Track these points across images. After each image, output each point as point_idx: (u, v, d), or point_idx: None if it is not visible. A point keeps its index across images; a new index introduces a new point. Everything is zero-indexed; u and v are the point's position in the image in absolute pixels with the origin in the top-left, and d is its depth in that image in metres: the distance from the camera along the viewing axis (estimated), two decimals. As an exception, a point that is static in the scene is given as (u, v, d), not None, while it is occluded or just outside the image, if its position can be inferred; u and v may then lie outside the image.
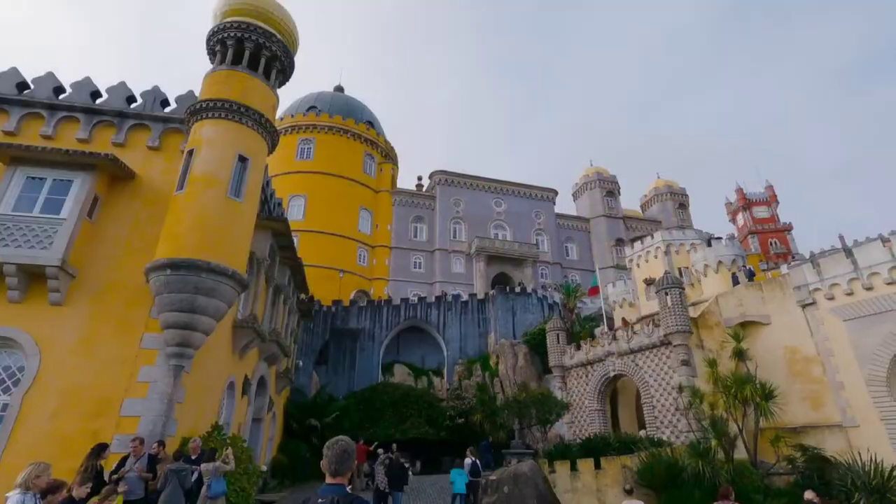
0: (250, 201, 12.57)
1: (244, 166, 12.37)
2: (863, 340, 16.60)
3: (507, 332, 32.72)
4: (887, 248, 16.70)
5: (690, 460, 14.98)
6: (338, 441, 2.87)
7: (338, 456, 2.79)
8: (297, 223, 42.66)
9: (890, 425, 15.46)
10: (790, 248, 55.99)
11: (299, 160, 47.75)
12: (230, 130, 12.32)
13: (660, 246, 30.40)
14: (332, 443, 2.87)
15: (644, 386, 20.99)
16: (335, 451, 2.81)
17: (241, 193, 12.11)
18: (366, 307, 34.39)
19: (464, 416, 26.13)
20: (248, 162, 12.47)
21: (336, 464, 2.78)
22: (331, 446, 2.85)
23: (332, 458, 2.80)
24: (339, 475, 2.79)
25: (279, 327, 19.49)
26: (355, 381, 30.54)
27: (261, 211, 15.73)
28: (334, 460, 2.79)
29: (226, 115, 12.34)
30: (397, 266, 47.19)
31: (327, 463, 2.80)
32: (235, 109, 12.41)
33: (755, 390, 16.63)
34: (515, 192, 54.01)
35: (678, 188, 61.84)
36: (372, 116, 55.98)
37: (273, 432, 21.75)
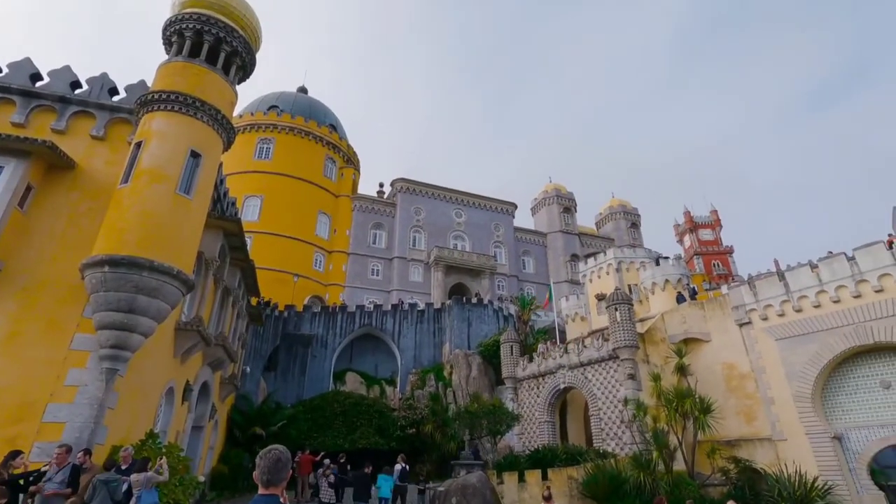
0: (201, 199, 12.09)
1: (196, 162, 11.91)
2: (791, 359, 17.72)
3: (462, 343, 32.80)
4: (815, 273, 17.97)
5: (633, 472, 15.46)
6: (272, 450, 2.73)
7: (271, 465, 2.66)
8: (252, 224, 41.39)
9: (813, 439, 16.52)
10: (731, 269, 59.37)
11: (257, 160, 46.44)
12: (183, 124, 11.84)
13: (612, 263, 31.47)
14: (266, 451, 2.73)
15: (592, 398, 21.52)
16: (268, 460, 2.68)
17: (192, 190, 11.63)
18: (320, 313, 33.63)
19: (415, 427, 25.88)
20: (201, 158, 12.02)
21: (269, 474, 2.64)
22: (264, 455, 2.71)
23: (264, 468, 2.65)
24: (272, 486, 2.65)
25: (226, 331, 18.74)
26: (305, 388, 29.69)
27: (212, 210, 15.17)
28: (267, 470, 2.65)
29: (179, 108, 11.87)
30: (354, 272, 46.53)
31: (259, 473, 2.66)
32: (190, 103, 11.96)
33: (695, 404, 17.42)
34: (476, 203, 54.60)
35: (631, 208, 64.37)
36: (335, 120, 55.32)
37: (214, 441, 20.80)
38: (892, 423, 15.53)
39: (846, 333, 16.54)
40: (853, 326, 16.42)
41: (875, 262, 16.48)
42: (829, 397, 17.12)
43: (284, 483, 2.70)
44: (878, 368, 16.25)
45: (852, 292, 16.73)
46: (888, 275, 16.06)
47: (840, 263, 17.35)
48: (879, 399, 16.05)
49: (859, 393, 16.56)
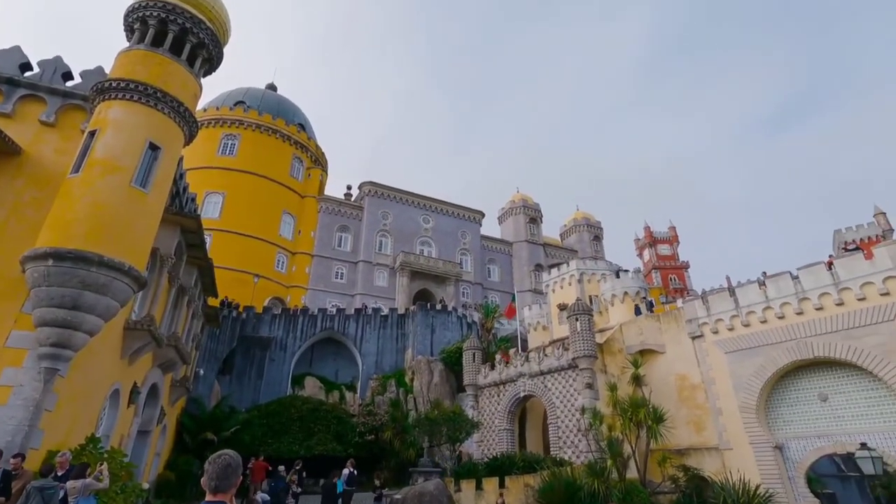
0: (158, 193, 11.63)
1: (155, 155, 11.46)
2: (739, 371, 18.54)
3: (424, 349, 32.67)
4: (762, 290, 18.91)
5: (587, 480, 15.74)
6: (222, 454, 2.64)
7: (220, 471, 2.56)
8: (212, 222, 40.12)
9: (756, 449, 17.30)
10: (686, 284, 61.74)
11: (221, 156, 45.10)
12: (142, 115, 11.38)
13: (574, 274, 32.16)
14: (216, 456, 2.63)
15: (551, 407, 21.84)
16: (218, 465, 2.58)
17: (149, 184, 11.17)
18: (280, 315, 32.82)
19: (374, 433, 25.54)
20: (160, 151, 11.57)
21: (217, 479, 2.54)
22: (213, 460, 2.61)
23: (212, 473, 2.55)
24: (220, 492, 2.55)
25: (180, 331, 18.01)
26: (262, 393, 28.84)
27: (170, 205, 14.61)
28: (215, 475, 2.55)
29: (139, 97, 11.40)
30: (318, 275, 45.71)
31: (207, 479, 2.56)
32: (151, 93, 11.52)
33: (648, 414, 17.94)
34: (444, 210, 54.77)
35: (594, 221, 66.09)
36: (304, 119, 54.45)
37: (162, 447, 19.91)
38: (828, 434, 16.44)
39: (789, 348, 17.45)
40: (795, 342, 17.34)
41: (816, 281, 17.49)
42: (772, 409, 17.98)
43: (233, 490, 2.60)
44: (817, 382, 17.20)
45: (795, 309, 17.68)
46: (827, 294, 17.06)
47: (785, 281, 18.32)
48: (817, 411, 16.98)
49: (799, 405, 17.47)
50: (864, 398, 16.09)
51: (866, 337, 15.88)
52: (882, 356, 15.38)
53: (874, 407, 15.84)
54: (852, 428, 15.88)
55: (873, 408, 15.85)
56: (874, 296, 16.09)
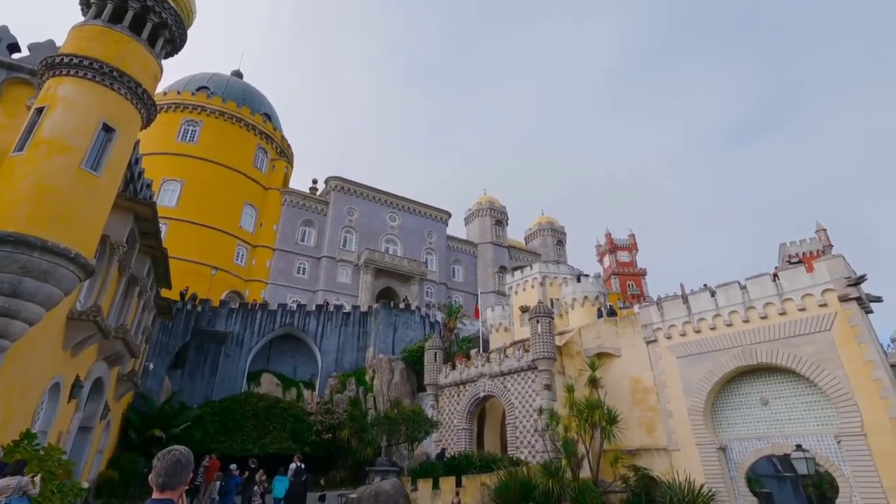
0: (111, 177, 11.06)
1: (108, 137, 10.90)
2: (689, 375, 19.34)
3: (386, 348, 32.45)
4: (713, 298, 19.80)
5: (542, 479, 16.05)
6: (172, 450, 2.52)
7: (169, 467, 2.45)
8: (169, 210, 38.56)
9: (702, 450, 18.10)
10: (643, 290, 63.88)
11: (181, 142, 43.35)
12: (96, 94, 10.80)
13: (537, 277, 32.67)
14: (166, 452, 2.52)
15: (510, 407, 22.13)
16: (167, 461, 2.47)
17: (100, 167, 10.61)
18: (237, 310, 31.85)
19: (332, 432, 25.17)
20: (115, 133, 11.01)
21: (166, 476, 2.43)
22: (162, 456, 2.50)
23: (161, 470, 2.44)
24: (168, 490, 2.44)
25: (129, 323, 17.20)
26: (215, 389, 27.90)
27: (123, 190, 13.96)
28: (164, 472, 2.44)
29: (93, 75, 10.81)
30: (279, 269, 44.64)
31: (155, 475, 2.45)
32: (106, 72, 10.94)
33: (603, 415, 18.47)
34: (411, 209, 54.57)
35: (558, 226, 67.43)
36: (270, 109, 53.07)
37: (105, 444, 18.97)
38: (767, 436, 17.38)
39: (735, 354, 18.34)
40: (741, 348, 18.25)
41: (762, 291, 18.47)
42: (718, 411, 18.85)
43: (183, 488, 2.50)
44: (759, 387, 18.15)
45: (742, 317, 18.60)
46: (771, 304, 18.05)
47: (734, 291, 19.25)
48: (758, 414, 17.92)
49: (742, 408, 18.39)
50: (801, 402, 17.11)
51: (804, 345, 16.89)
52: (818, 363, 16.40)
53: (809, 411, 16.87)
54: (789, 430, 16.85)
55: (808, 412, 16.88)
56: (813, 307, 17.13)
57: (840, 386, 15.82)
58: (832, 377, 16.01)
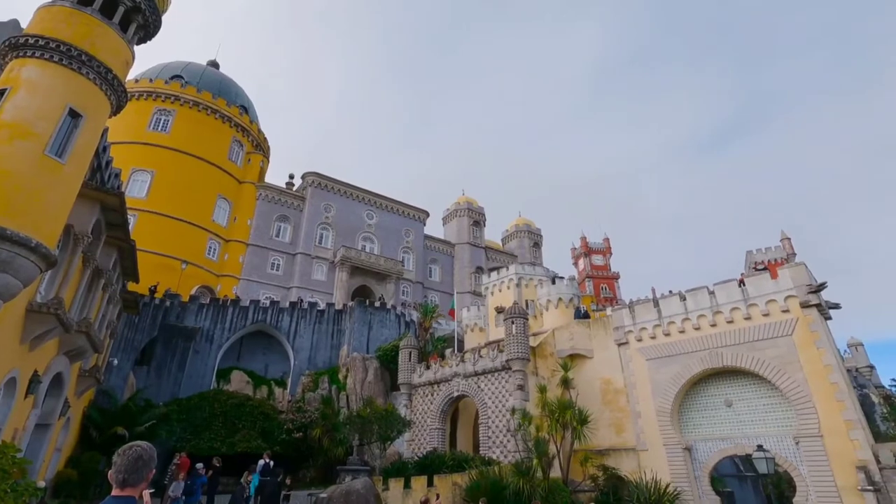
0: (77, 165, 10.65)
1: (75, 123, 10.49)
2: (657, 377, 19.80)
3: (360, 347, 32.18)
4: (683, 303, 20.32)
5: (513, 478, 16.18)
6: (133, 446, 2.43)
7: (130, 463, 2.36)
8: (138, 201, 37.44)
9: (669, 450, 18.56)
10: (616, 293, 65.10)
11: (152, 131, 42.08)
12: (62, 78, 10.39)
13: (513, 278, 32.95)
14: (127, 447, 2.42)
15: (483, 407, 22.24)
16: (128, 457, 2.37)
17: (66, 154, 10.21)
18: (208, 305, 31.08)
19: (303, 431, 24.81)
20: (82, 119, 10.61)
21: (127, 472, 2.34)
22: (123, 452, 2.40)
23: (121, 466, 2.35)
24: (128, 486, 2.34)
25: (93, 317, 16.59)
26: (182, 386, 27.16)
27: (90, 179, 13.47)
28: (124, 468, 2.34)
29: (60, 58, 10.40)
30: (252, 265, 43.78)
31: (115, 472, 2.35)
32: (75, 55, 10.53)
33: (574, 416, 18.74)
34: (389, 207, 54.27)
35: (535, 228, 68.10)
36: (247, 101, 52.01)
37: (64, 442, 18.25)
38: (730, 437, 17.93)
39: (702, 357, 18.87)
40: (708, 351, 18.78)
41: (729, 296, 19.05)
42: (684, 413, 19.35)
43: (144, 485, 2.41)
44: (724, 389, 18.72)
45: (710, 321, 19.15)
46: (738, 309, 18.63)
47: (702, 295, 19.80)
48: (722, 415, 18.48)
49: (707, 410, 18.93)
50: (763, 404, 17.71)
51: (767, 349, 17.50)
52: (779, 367, 17.01)
53: (770, 413, 17.48)
54: (751, 431, 17.42)
55: (769, 413, 17.49)
56: (776, 312, 17.76)
57: (799, 389, 16.44)
58: (792, 380, 16.63)
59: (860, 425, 15.54)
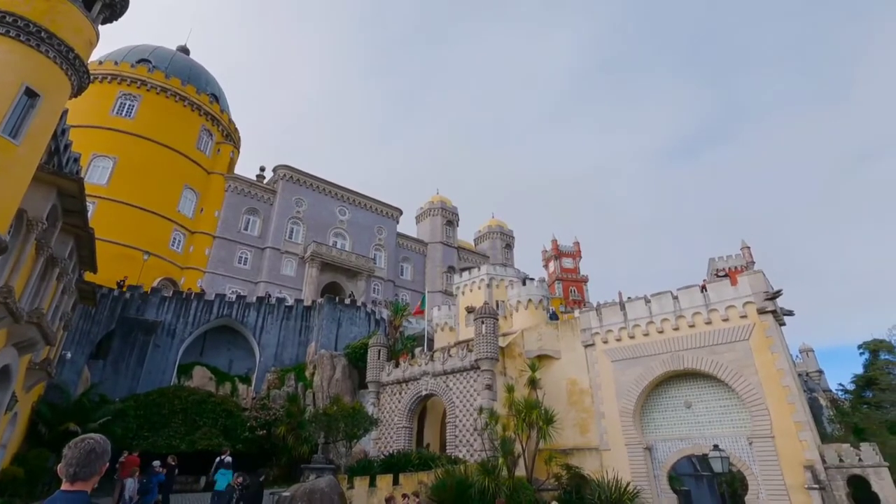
0: (32, 146, 10.14)
1: (32, 103, 9.98)
2: (622, 378, 20.28)
3: (329, 344, 31.78)
4: (647, 306, 20.87)
5: (479, 477, 16.27)
6: (85, 439, 2.32)
7: (82, 456, 2.25)
8: (98, 188, 35.98)
9: (630, 450, 19.03)
10: (584, 296, 66.37)
11: (116, 116, 40.46)
12: (19, 54, 9.86)
13: (484, 279, 33.13)
14: (78, 440, 2.31)
15: (451, 406, 22.29)
16: (80, 450, 2.26)
17: (20, 134, 9.70)
18: (171, 298, 30.12)
19: (267, 428, 24.32)
20: (39, 99, 10.10)
21: (78, 466, 2.23)
22: (74, 445, 2.29)
23: (72, 459, 2.24)
24: (79, 480, 2.24)
25: (45, 307, 15.83)
26: (141, 381, 26.25)
27: (46, 162, 12.84)
28: (75, 462, 2.24)
29: (17, 34, 9.86)
30: (219, 258, 42.64)
31: (65, 465, 2.24)
32: (34, 31, 10.01)
33: (540, 415, 18.97)
34: (361, 203, 53.78)
35: (507, 230, 68.74)
36: (218, 90, 50.61)
37: (10, 438, 17.35)
38: (689, 437, 18.53)
39: (664, 360, 19.43)
40: (670, 354, 19.35)
41: (691, 301, 19.68)
42: (646, 413, 19.88)
43: (96, 479, 2.31)
44: (684, 390, 19.33)
45: (673, 325, 19.73)
46: (699, 313, 19.27)
47: (666, 300, 20.38)
48: (682, 416, 19.07)
49: (668, 411, 19.51)
50: (720, 406, 18.37)
51: (726, 353, 18.16)
52: (736, 371, 17.68)
53: (726, 414, 18.15)
54: (708, 432, 18.04)
55: (725, 415, 18.15)
56: (735, 317, 18.45)
57: (754, 391, 17.13)
58: (748, 383, 17.31)
59: (809, 427, 16.32)
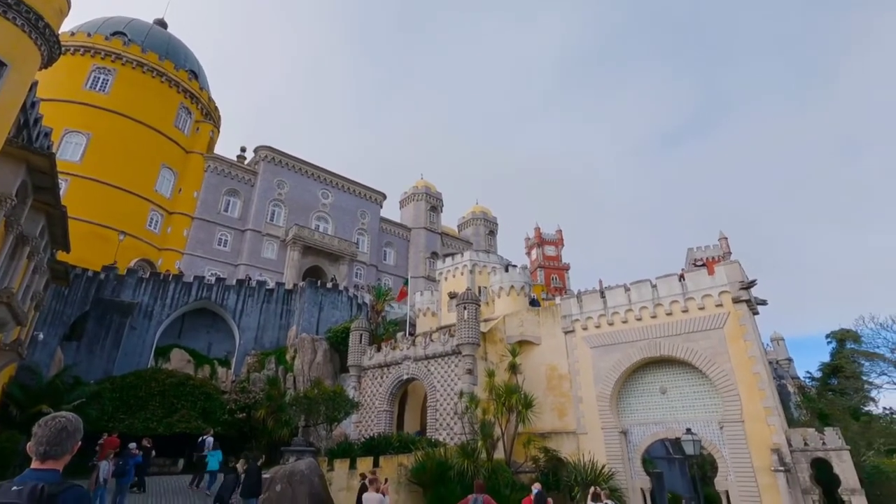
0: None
1: (-2, 73, 9.53)
2: (600, 364, 20.68)
3: (310, 327, 31.62)
4: (627, 294, 21.23)
5: (458, 459, 16.51)
6: (56, 417, 2.26)
7: (53, 435, 2.19)
8: (71, 165, 34.85)
9: (606, 433, 19.51)
10: (565, 283, 67.14)
11: (89, 90, 39.01)
12: (-16, 21, 9.38)
13: (467, 265, 33.24)
14: (49, 419, 2.25)
15: (432, 390, 22.48)
16: (50, 428, 2.21)
17: (-13, 106, 9.28)
18: (148, 279, 29.51)
19: (246, 411, 24.22)
20: (6, 69, 9.66)
21: (49, 444, 2.19)
22: (44, 423, 2.23)
23: (42, 438, 2.19)
24: (50, 458, 2.19)
25: (15, 287, 15.36)
26: (117, 364, 25.78)
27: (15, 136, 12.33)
28: (45, 440, 2.19)
29: (-18, -1, 9.36)
30: (198, 239, 41.84)
31: (35, 443, 2.19)
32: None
33: (520, 399, 19.28)
34: (344, 187, 53.18)
35: (491, 216, 68.90)
36: (197, 66, 49.12)
37: (-22, 420, 16.94)
38: (663, 422, 19.06)
39: (641, 347, 19.85)
40: (648, 341, 19.77)
41: (669, 290, 20.07)
42: (623, 398, 20.35)
43: (67, 457, 2.26)
44: (660, 377, 19.81)
45: (651, 313, 20.13)
46: (677, 301, 19.68)
47: (646, 288, 20.75)
48: (657, 401, 19.58)
49: (644, 396, 20.00)
50: (693, 392, 18.91)
51: (701, 340, 18.63)
52: (710, 358, 18.17)
53: (699, 399, 18.69)
54: (682, 417, 18.57)
55: (698, 400, 18.70)
56: (711, 306, 18.89)
57: (726, 378, 17.65)
58: (721, 370, 17.82)
59: (777, 412, 16.92)
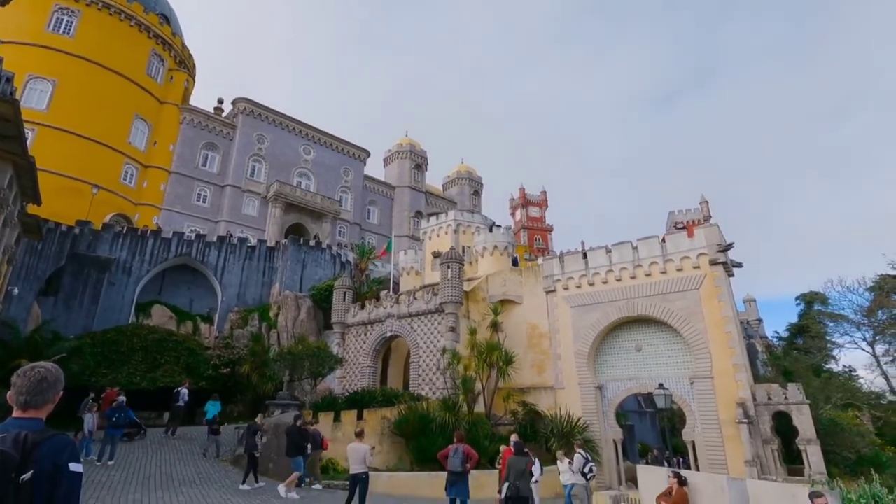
0: (-45, 61, 9.07)
1: (-49, 9, 8.82)
2: (579, 323, 21.24)
3: (293, 285, 31.59)
4: (608, 255, 21.56)
5: (440, 413, 17.10)
6: (35, 367, 2.21)
7: (33, 385, 2.14)
8: (37, 113, 33.19)
9: (583, 389, 20.28)
10: (548, 245, 67.87)
11: (52, 32, 36.58)
12: (-70, -50, 8.59)
13: (451, 224, 33.27)
14: (28, 368, 2.18)
15: (415, 347, 22.92)
16: (29, 378, 2.15)
17: (-60, 46, 8.63)
18: (125, 234, 28.86)
19: (230, 367, 24.44)
20: (-40, 5, 8.94)
21: (29, 394, 2.14)
22: (24, 373, 2.17)
23: (22, 388, 2.14)
24: (31, 408, 2.15)
25: (-15, 241, 14.88)
26: (96, 319, 25.56)
27: (-26, 80, 11.59)
28: (26, 390, 2.14)
29: (-75, -75, 8.54)
30: (175, 194, 40.74)
31: (15, 393, 2.15)
32: (-55, -77, 8.68)
33: (501, 356, 19.83)
34: (327, 143, 51.88)
35: (476, 176, 68.30)
36: (169, 11, 46.28)
37: (-44, 374, 16.75)
38: (636, 377, 19.86)
39: (620, 306, 20.38)
40: (626, 301, 20.29)
41: (650, 252, 20.44)
42: (600, 356, 21.06)
43: (49, 407, 2.23)
44: (636, 335, 20.47)
45: (630, 274, 20.56)
46: (656, 263, 20.09)
47: (626, 249, 21.08)
48: (632, 359, 20.33)
49: (620, 353, 20.72)
50: (667, 349, 19.64)
51: (677, 301, 19.19)
52: (685, 317, 18.78)
53: (672, 357, 19.45)
54: (655, 373, 19.35)
55: (671, 357, 19.46)
56: (689, 268, 19.36)
57: (699, 336, 18.34)
58: (694, 329, 18.48)
59: (745, 369, 17.75)
